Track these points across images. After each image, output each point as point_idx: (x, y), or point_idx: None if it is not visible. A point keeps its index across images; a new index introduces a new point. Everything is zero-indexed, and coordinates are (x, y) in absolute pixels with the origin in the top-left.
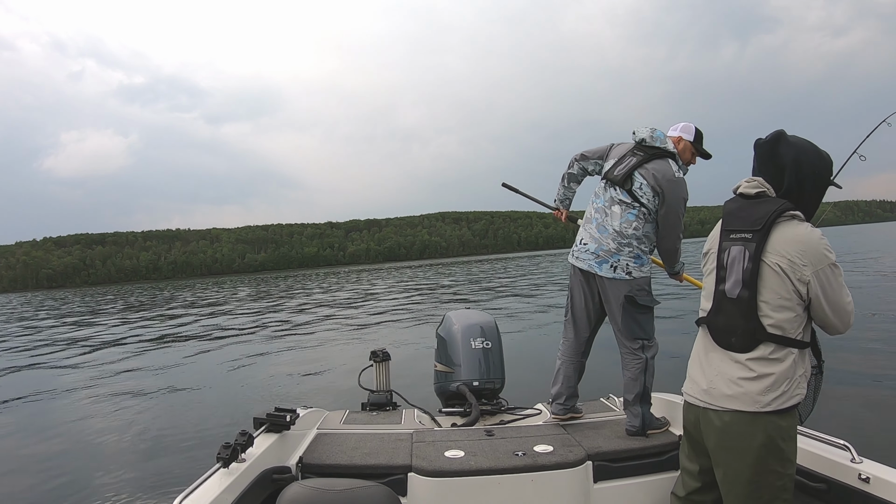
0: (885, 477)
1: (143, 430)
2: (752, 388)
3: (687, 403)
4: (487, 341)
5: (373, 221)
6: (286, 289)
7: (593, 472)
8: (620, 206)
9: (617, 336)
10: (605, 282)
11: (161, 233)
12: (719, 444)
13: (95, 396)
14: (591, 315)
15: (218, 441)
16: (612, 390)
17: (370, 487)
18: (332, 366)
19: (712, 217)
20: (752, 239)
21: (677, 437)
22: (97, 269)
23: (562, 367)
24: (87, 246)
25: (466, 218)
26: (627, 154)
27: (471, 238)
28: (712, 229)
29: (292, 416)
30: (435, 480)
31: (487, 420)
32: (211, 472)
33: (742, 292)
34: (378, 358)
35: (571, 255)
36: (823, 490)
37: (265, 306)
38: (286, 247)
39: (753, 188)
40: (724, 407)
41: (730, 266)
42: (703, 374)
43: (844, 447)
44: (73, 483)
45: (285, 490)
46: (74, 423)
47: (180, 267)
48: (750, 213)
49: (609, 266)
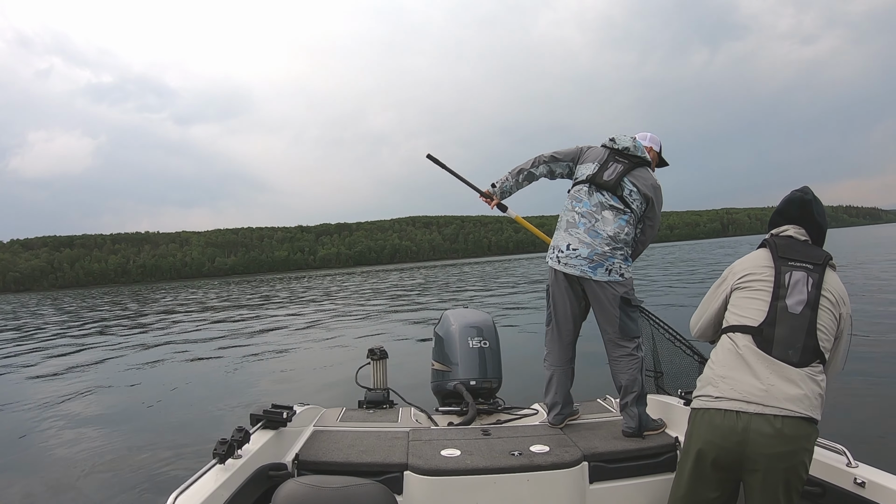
0: (880, 481)
1: (140, 427)
2: (806, 395)
3: (722, 411)
4: (485, 341)
5: (343, 225)
6: (266, 292)
7: (589, 473)
8: (612, 212)
9: (611, 338)
10: (599, 285)
11: (130, 235)
12: (767, 449)
13: (90, 392)
14: (576, 319)
15: (214, 437)
16: (608, 391)
17: (366, 485)
18: (329, 363)
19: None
20: (813, 270)
21: (673, 439)
22: (65, 273)
23: (554, 376)
24: (54, 248)
25: (437, 222)
26: (608, 160)
27: (441, 242)
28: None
29: (289, 413)
30: (431, 479)
31: (484, 419)
32: (207, 468)
33: (805, 310)
34: (375, 356)
35: (556, 262)
36: (819, 494)
37: (258, 306)
38: (256, 250)
39: (802, 235)
40: (787, 409)
41: (792, 286)
42: (757, 380)
43: (840, 451)
44: (68, 479)
45: (281, 487)
46: (71, 418)
47: (149, 270)
48: (806, 251)
49: (604, 270)
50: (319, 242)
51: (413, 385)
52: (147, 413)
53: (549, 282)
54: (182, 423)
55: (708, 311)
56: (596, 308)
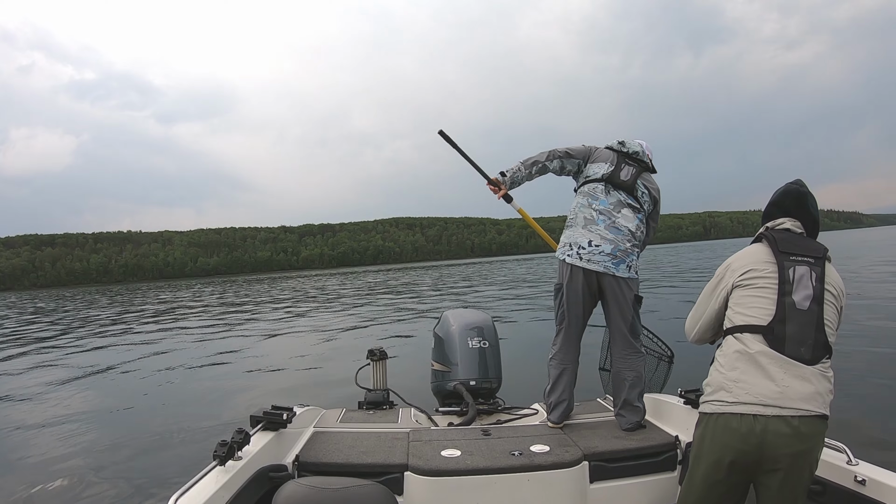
0: (881, 479)
1: (139, 428)
2: (819, 392)
3: (738, 415)
4: (485, 341)
5: (326, 226)
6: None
7: (590, 473)
8: (631, 210)
9: (621, 336)
10: (619, 282)
11: (112, 235)
12: (787, 449)
13: (88, 395)
14: (586, 317)
15: (214, 439)
16: (609, 391)
17: (366, 486)
18: (329, 364)
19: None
20: (815, 264)
21: (674, 438)
22: (46, 272)
23: (562, 375)
24: (35, 247)
25: (420, 223)
26: (620, 161)
27: (424, 244)
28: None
29: (289, 415)
30: (431, 479)
31: (484, 419)
32: (207, 470)
33: (813, 305)
34: (375, 356)
35: (577, 259)
36: (819, 492)
37: (256, 306)
38: (239, 251)
39: (798, 228)
40: (803, 408)
41: (797, 282)
42: (773, 382)
43: (841, 449)
44: (67, 481)
45: (282, 488)
46: (68, 421)
47: (132, 270)
48: (805, 244)
49: (625, 266)
50: (302, 243)
51: (413, 386)
52: (146, 415)
53: (560, 280)
54: (181, 425)
55: (706, 314)
56: (612, 305)
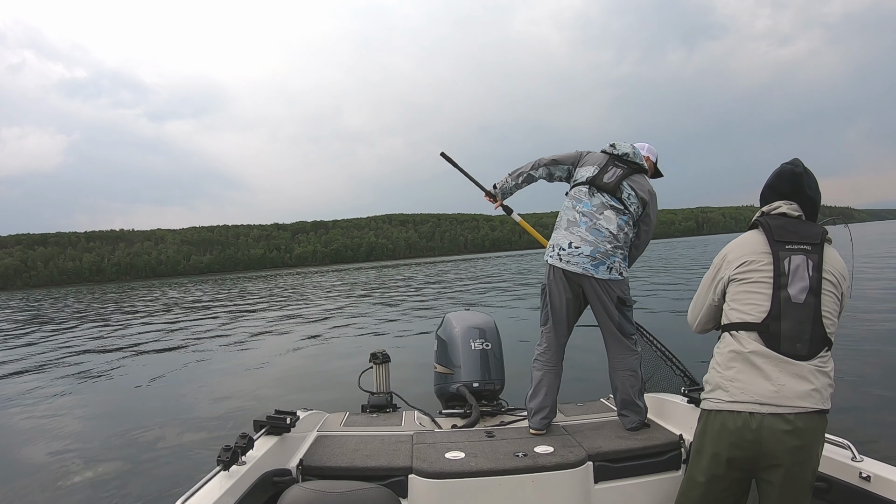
0: (886, 475)
1: (143, 433)
2: (817, 389)
3: (734, 413)
4: (487, 342)
5: (319, 223)
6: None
7: (594, 473)
8: (614, 212)
9: (612, 336)
10: (599, 283)
11: (104, 233)
12: (784, 445)
13: (89, 398)
14: (572, 319)
15: (218, 444)
16: (610, 391)
17: (371, 489)
18: (332, 368)
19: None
20: (812, 251)
21: (677, 437)
22: (39, 271)
23: (544, 378)
24: (28, 247)
25: (413, 220)
26: (608, 164)
27: (417, 240)
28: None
29: (292, 419)
30: (435, 482)
31: (488, 421)
32: (211, 475)
33: (809, 298)
34: (378, 360)
35: (557, 260)
36: (824, 489)
37: (254, 308)
38: (232, 248)
39: (795, 211)
40: (799, 406)
41: (793, 273)
42: (768, 381)
43: (845, 446)
44: (69, 487)
45: (286, 492)
46: (71, 424)
47: (124, 269)
48: (801, 229)
49: (605, 267)
50: (296, 240)
51: (416, 388)
52: (149, 421)
53: (546, 280)
54: (184, 429)
55: (706, 306)
56: (595, 306)
